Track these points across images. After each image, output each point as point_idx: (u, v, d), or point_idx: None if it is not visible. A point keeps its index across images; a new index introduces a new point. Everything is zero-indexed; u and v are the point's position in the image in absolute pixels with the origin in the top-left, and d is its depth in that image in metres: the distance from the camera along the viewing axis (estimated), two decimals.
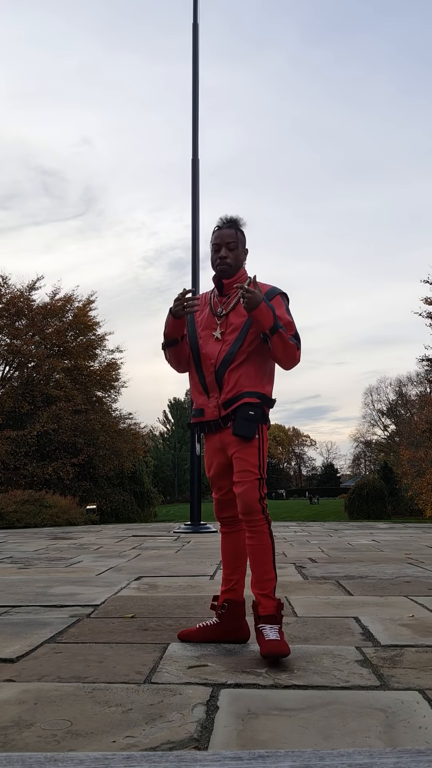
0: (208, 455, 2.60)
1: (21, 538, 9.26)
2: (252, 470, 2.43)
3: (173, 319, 2.54)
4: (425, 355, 24.73)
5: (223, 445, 2.52)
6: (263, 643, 2.28)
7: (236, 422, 2.46)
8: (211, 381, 2.55)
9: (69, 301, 25.25)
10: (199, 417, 2.60)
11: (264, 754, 0.96)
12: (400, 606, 3.29)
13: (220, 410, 2.52)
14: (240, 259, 2.65)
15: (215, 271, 2.64)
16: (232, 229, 2.64)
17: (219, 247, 2.62)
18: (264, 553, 2.42)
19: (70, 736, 1.60)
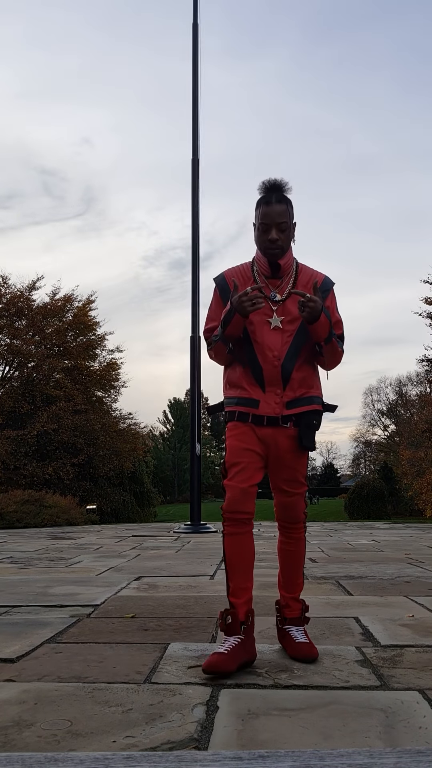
0: (244, 441, 2.30)
1: (21, 538, 9.26)
2: (302, 481, 2.36)
3: (239, 317, 2.23)
4: (425, 355, 24.75)
5: (272, 442, 2.31)
6: (293, 645, 2.29)
7: (302, 431, 2.29)
8: (274, 375, 2.29)
9: (69, 301, 25.23)
10: (248, 407, 2.31)
11: (264, 754, 0.96)
12: (400, 606, 3.29)
13: (283, 408, 2.30)
14: (290, 237, 2.36)
15: (263, 254, 2.35)
16: (284, 204, 2.29)
17: (268, 228, 2.29)
18: (299, 559, 2.45)
19: (70, 736, 1.60)
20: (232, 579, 2.28)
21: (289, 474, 2.34)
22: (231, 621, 2.22)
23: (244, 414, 2.32)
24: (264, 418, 2.29)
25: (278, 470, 2.34)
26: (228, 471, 2.30)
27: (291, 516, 2.40)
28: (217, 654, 2.12)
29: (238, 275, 2.40)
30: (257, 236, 2.35)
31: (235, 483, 2.27)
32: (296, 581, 2.43)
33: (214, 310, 2.46)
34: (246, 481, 2.28)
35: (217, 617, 2.35)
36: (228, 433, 2.36)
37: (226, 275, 2.43)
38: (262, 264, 2.36)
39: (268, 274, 2.35)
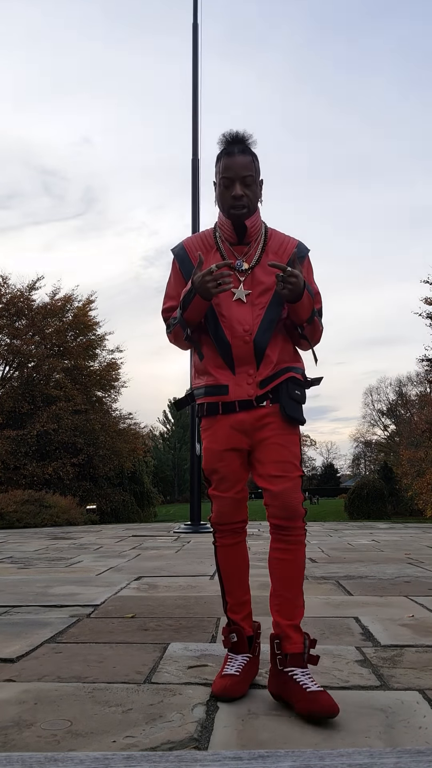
0: (218, 441, 2.01)
1: (21, 538, 9.26)
2: (295, 463, 1.96)
3: (201, 299, 1.94)
4: (425, 355, 24.73)
5: (251, 428, 1.97)
6: (303, 697, 1.72)
7: (284, 401, 1.96)
8: (245, 353, 1.98)
9: (69, 301, 25.24)
10: (218, 395, 2.01)
11: (264, 754, 0.96)
12: (400, 606, 3.29)
13: (256, 389, 1.98)
14: (257, 195, 2.05)
15: (227, 215, 2.03)
16: (249, 156, 1.99)
17: (232, 183, 1.99)
18: (298, 572, 1.97)
19: (70, 736, 1.60)
20: (230, 594, 2.04)
21: (279, 454, 1.94)
22: (237, 639, 2.00)
23: (212, 405, 2.02)
24: (235, 403, 1.98)
25: (264, 453, 1.96)
26: (210, 479, 2.05)
27: (287, 508, 1.92)
28: (228, 677, 1.91)
29: (200, 244, 2.10)
30: (219, 194, 2.04)
31: (220, 493, 2.02)
32: (296, 603, 1.95)
33: (172, 287, 2.15)
34: (232, 488, 2.01)
35: (221, 635, 2.09)
36: (202, 433, 2.08)
37: (186, 245, 2.12)
38: (226, 228, 2.05)
39: (233, 240, 2.05)
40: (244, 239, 2.04)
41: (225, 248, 2.07)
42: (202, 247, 2.09)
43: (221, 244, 2.08)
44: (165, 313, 2.17)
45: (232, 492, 2.02)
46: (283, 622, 1.89)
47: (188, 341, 2.06)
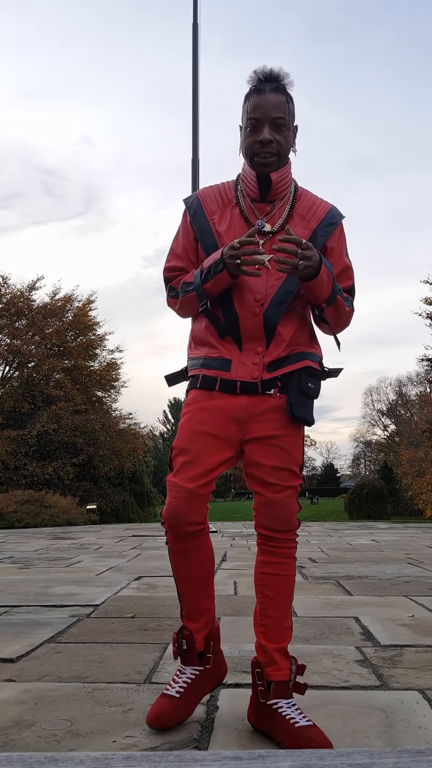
0: (203, 422, 1.68)
1: (21, 538, 9.27)
2: (295, 471, 1.71)
3: (227, 276, 1.65)
4: (425, 355, 24.73)
5: (248, 416, 1.68)
6: (292, 734, 1.52)
7: (292, 396, 1.67)
8: (253, 327, 1.69)
9: (69, 301, 25.27)
10: (216, 370, 1.70)
11: (264, 754, 0.96)
12: (400, 606, 3.29)
13: (263, 371, 1.69)
14: (289, 143, 1.74)
15: (250, 164, 1.73)
16: (282, 95, 1.70)
17: (259, 125, 1.69)
18: (288, 589, 1.72)
19: (70, 736, 1.60)
20: (185, 600, 1.74)
21: (278, 459, 1.68)
22: (186, 648, 1.71)
23: (209, 379, 1.70)
24: (237, 383, 1.68)
25: (262, 456, 1.68)
26: (173, 462, 1.68)
27: (280, 520, 1.68)
28: (167, 700, 1.63)
29: (217, 196, 1.81)
30: (243, 139, 1.74)
31: (180, 481, 1.63)
32: (284, 624, 1.69)
33: (179, 243, 1.85)
34: (195, 480, 1.63)
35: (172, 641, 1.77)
36: (184, 408, 1.75)
37: (202, 196, 1.82)
38: (249, 180, 1.75)
39: (255, 196, 1.75)
40: (268, 196, 1.74)
41: (246, 205, 1.77)
42: (219, 201, 1.80)
43: (242, 200, 1.78)
44: (167, 272, 1.87)
45: (194, 483, 1.62)
46: (270, 646, 1.66)
47: (204, 314, 1.76)
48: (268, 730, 1.60)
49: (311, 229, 1.76)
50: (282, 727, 1.55)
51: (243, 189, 1.79)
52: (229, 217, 1.78)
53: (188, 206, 1.85)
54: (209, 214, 1.79)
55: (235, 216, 1.77)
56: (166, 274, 1.88)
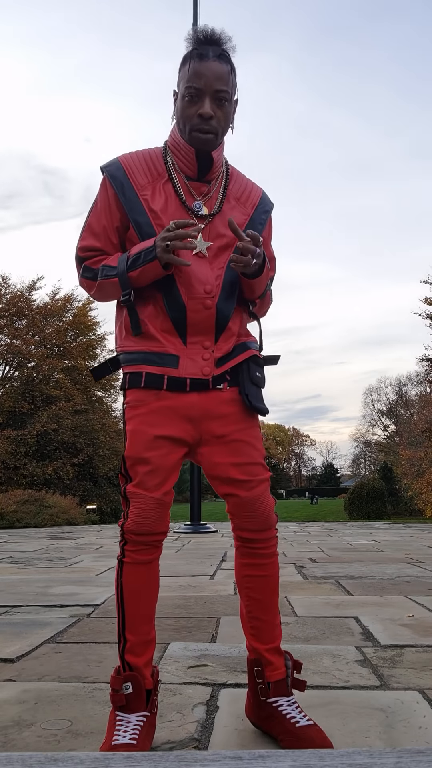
0: (154, 425, 1.55)
1: (21, 538, 9.27)
2: (263, 462, 1.63)
3: (159, 267, 1.51)
4: (425, 355, 24.77)
5: (202, 414, 1.57)
6: (292, 734, 1.50)
7: (246, 387, 1.60)
8: (203, 321, 1.57)
9: (69, 301, 25.29)
10: (162, 366, 1.56)
11: (264, 754, 0.96)
12: (400, 606, 3.29)
13: (213, 367, 1.59)
14: (229, 119, 1.60)
15: (187, 138, 1.57)
16: (226, 64, 1.54)
17: (200, 96, 1.52)
18: (274, 588, 1.66)
19: (70, 736, 1.60)
20: (132, 629, 1.54)
21: (243, 454, 1.59)
22: (132, 691, 1.49)
23: (154, 378, 1.56)
24: (186, 381, 1.56)
25: (225, 455, 1.58)
26: (131, 472, 1.56)
27: (260, 519, 1.60)
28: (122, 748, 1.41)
29: (144, 166, 1.61)
30: (180, 108, 1.57)
31: (145, 491, 1.53)
32: (274, 623, 1.64)
33: (99, 220, 1.64)
34: (161, 487, 1.55)
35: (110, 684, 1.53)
36: (129, 411, 1.58)
37: (126, 164, 1.61)
38: (184, 156, 1.59)
39: (191, 174, 1.60)
40: (206, 175, 1.60)
41: (180, 182, 1.60)
42: (147, 173, 1.61)
43: (175, 176, 1.61)
44: (82, 252, 1.66)
45: (160, 492, 1.54)
46: (263, 648, 1.61)
47: (125, 305, 1.59)
48: (268, 728, 1.58)
49: (248, 215, 1.67)
50: (282, 726, 1.53)
51: (175, 163, 1.61)
52: (164, 194, 1.59)
53: (111, 176, 1.62)
54: (139, 188, 1.60)
55: (169, 194, 1.60)
56: (81, 254, 1.67)
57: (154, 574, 1.60)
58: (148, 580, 1.58)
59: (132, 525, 1.54)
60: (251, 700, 1.64)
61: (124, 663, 1.53)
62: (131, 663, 1.52)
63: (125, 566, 1.57)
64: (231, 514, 1.63)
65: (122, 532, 1.57)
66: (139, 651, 1.53)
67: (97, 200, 1.66)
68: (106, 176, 1.63)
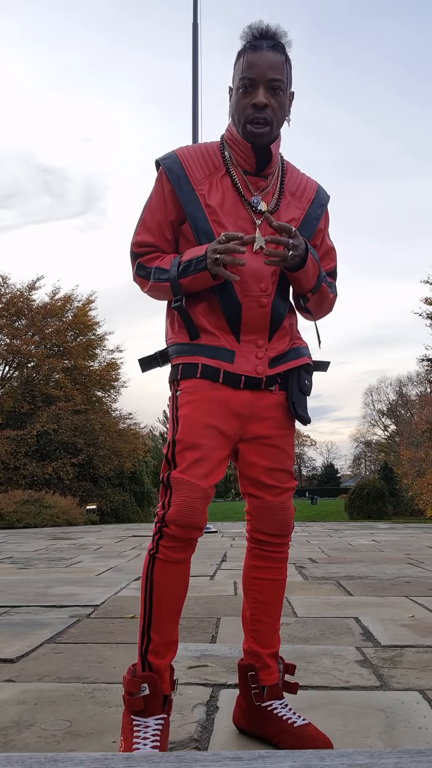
0: (207, 412, 1.50)
1: (21, 538, 9.27)
2: (292, 471, 1.62)
3: (210, 277, 1.48)
4: (425, 355, 24.74)
5: (250, 413, 1.55)
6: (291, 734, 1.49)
7: (294, 394, 1.58)
8: (257, 319, 1.54)
9: (69, 301, 25.27)
10: (219, 359, 1.52)
11: (264, 755, 0.96)
12: (400, 606, 3.29)
13: (266, 366, 1.56)
14: (285, 111, 1.55)
15: (242, 131, 1.54)
16: (280, 55, 1.51)
17: (254, 86, 1.49)
18: (282, 592, 1.65)
19: (70, 737, 1.60)
20: (158, 629, 1.46)
21: (277, 460, 1.58)
22: (150, 693, 1.42)
23: (210, 370, 1.51)
24: (241, 378, 1.53)
25: (260, 456, 1.57)
26: (178, 457, 1.48)
27: (280, 525, 1.59)
28: None
29: (201, 160, 1.59)
30: (234, 102, 1.54)
31: (193, 479, 1.45)
32: (275, 627, 1.63)
33: (153, 214, 1.61)
34: (207, 478, 1.47)
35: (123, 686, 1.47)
36: (182, 398, 1.53)
37: (183, 158, 1.59)
38: (241, 150, 1.55)
39: (249, 168, 1.56)
40: (264, 170, 1.57)
41: (237, 176, 1.57)
42: (204, 167, 1.58)
43: (233, 170, 1.57)
44: (136, 248, 1.63)
45: (207, 482, 1.47)
46: (263, 651, 1.59)
47: (177, 310, 1.56)
48: (263, 732, 1.55)
49: (304, 210, 1.64)
50: (280, 728, 1.51)
51: (233, 158, 1.58)
52: (221, 189, 1.56)
53: (167, 170, 1.58)
54: (196, 183, 1.56)
55: (227, 188, 1.56)
56: (135, 249, 1.64)
57: (186, 574, 1.51)
58: (179, 580, 1.49)
59: (175, 514, 1.43)
60: (243, 706, 1.60)
61: (146, 663, 1.46)
62: (153, 664, 1.46)
63: (157, 563, 1.47)
64: (250, 515, 1.62)
65: (161, 524, 1.46)
66: (162, 651, 1.47)
67: (152, 195, 1.62)
68: (162, 169, 1.59)
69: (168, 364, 1.62)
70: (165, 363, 1.63)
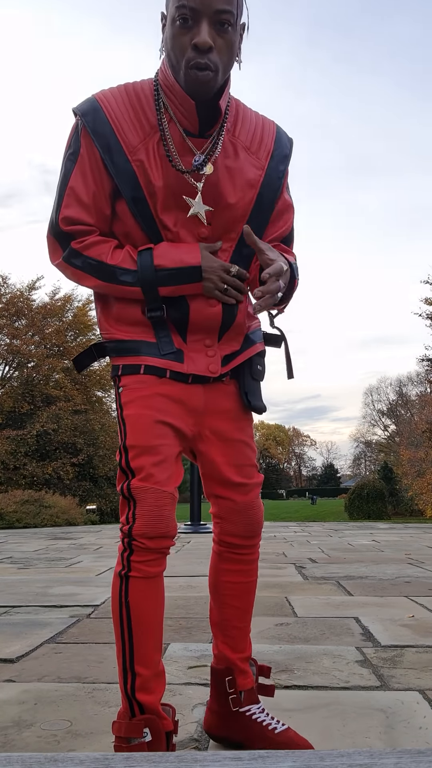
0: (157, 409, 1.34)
1: (21, 538, 9.27)
2: (257, 465, 1.50)
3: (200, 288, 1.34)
4: (425, 355, 24.78)
5: (202, 407, 1.40)
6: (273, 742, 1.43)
7: (247, 384, 1.44)
8: (206, 320, 1.36)
9: (69, 301, 25.30)
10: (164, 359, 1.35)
11: (264, 755, 0.96)
12: (400, 606, 3.29)
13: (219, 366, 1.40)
14: (235, 52, 1.26)
15: (184, 81, 1.24)
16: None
17: (196, 20, 1.19)
18: (253, 593, 1.54)
19: (70, 736, 1.60)
20: (143, 661, 1.30)
21: (240, 453, 1.45)
22: (152, 738, 1.25)
23: (155, 370, 1.36)
24: (189, 376, 1.38)
25: (223, 453, 1.43)
26: (134, 464, 1.31)
27: (252, 525, 1.48)
28: None
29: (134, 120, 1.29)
30: (170, 36, 1.23)
31: (156, 485, 1.30)
32: (247, 631, 1.53)
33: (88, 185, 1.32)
34: (171, 480, 1.33)
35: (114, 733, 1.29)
36: (127, 394, 1.36)
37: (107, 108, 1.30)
38: (181, 105, 1.27)
39: (193, 129, 1.29)
40: (209, 130, 1.30)
41: (174, 135, 1.29)
42: (137, 124, 1.29)
43: (168, 126, 1.29)
44: (66, 225, 1.33)
45: (171, 485, 1.33)
46: (236, 656, 1.50)
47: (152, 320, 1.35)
48: (241, 739, 1.46)
49: (263, 168, 1.38)
50: (262, 735, 1.44)
51: (170, 109, 1.29)
52: (158, 157, 1.29)
53: (92, 131, 1.28)
54: (130, 150, 1.28)
55: (158, 150, 1.29)
56: (65, 228, 1.33)
57: (161, 590, 1.36)
58: (157, 598, 1.34)
59: (143, 527, 1.28)
60: (218, 712, 1.49)
61: (136, 704, 1.27)
62: (145, 703, 1.27)
63: (132, 582, 1.30)
64: (219, 518, 1.49)
65: (128, 539, 1.30)
66: (152, 686, 1.29)
67: (79, 156, 1.31)
68: (84, 128, 1.30)
69: (104, 357, 1.44)
70: (102, 357, 1.45)
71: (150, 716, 1.27)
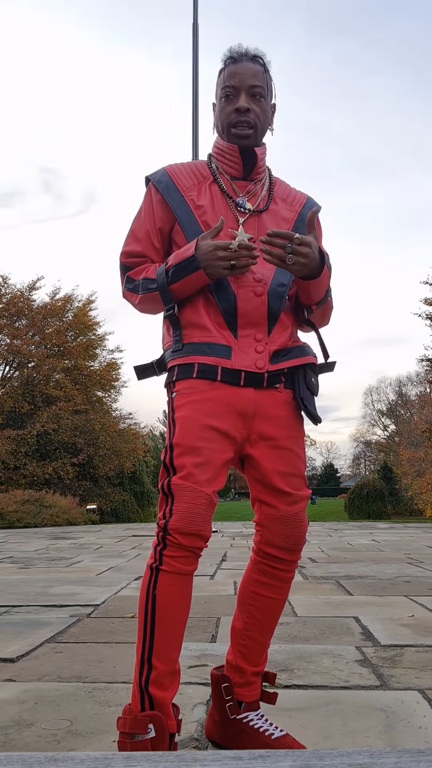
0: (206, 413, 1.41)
1: (21, 538, 9.27)
2: (305, 477, 1.53)
3: (203, 275, 1.44)
4: (425, 355, 24.73)
5: (254, 412, 1.45)
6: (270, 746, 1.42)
7: (302, 392, 1.50)
8: (254, 309, 1.47)
9: (69, 301, 25.28)
10: (215, 357, 1.44)
11: (264, 754, 0.96)
12: (400, 606, 3.29)
13: (267, 361, 1.47)
14: (268, 118, 1.60)
15: (227, 137, 1.57)
16: (260, 65, 1.57)
17: (236, 94, 1.54)
18: (279, 612, 1.56)
19: (70, 736, 1.60)
20: (161, 655, 1.31)
21: (291, 464, 1.49)
22: (155, 735, 1.26)
23: (207, 368, 1.44)
24: (241, 374, 1.44)
25: (272, 460, 1.47)
26: (177, 462, 1.38)
27: (294, 538, 1.50)
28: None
29: (190, 174, 1.60)
30: (218, 111, 1.59)
31: (196, 485, 1.36)
32: (266, 645, 1.55)
33: (141, 224, 1.59)
34: (212, 482, 1.38)
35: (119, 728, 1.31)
36: (179, 398, 1.45)
37: (172, 172, 1.60)
38: (228, 156, 1.57)
39: (236, 173, 1.58)
40: (251, 173, 1.58)
41: (225, 182, 1.58)
42: (193, 177, 1.59)
43: (219, 177, 1.59)
44: (125, 258, 1.60)
45: (211, 488, 1.37)
46: (249, 669, 1.51)
47: (170, 319, 1.52)
48: (239, 746, 1.45)
49: (296, 212, 1.63)
50: (259, 742, 1.44)
51: (219, 166, 1.60)
52: (209, 193, 1.57)
53: (156, 181, 1.59)
54: (185, 189, 1.57)
55: (215, 193, 1.57)
56: (124, 260, 1.60)
57: (189, 590, 1.38)
58: (183, 596, 1.35)
59: (178, 522, 1.33)
60: (216, 718, 1.51)
61: (147, 697, 1.29)
62: (156, 698, 1.29)
63: (161, 575, 1.34)
64: (262, 526, 1.50)
65: (162, 534, 1.35)
66: (166, 683, 1.30)
67: (141, 208, 1.63)
68: (151, 183, 1.61)
69: (165, 372, 1.55)
70: (162, 372, 1.57)
71: (156, 713, 1.28)
